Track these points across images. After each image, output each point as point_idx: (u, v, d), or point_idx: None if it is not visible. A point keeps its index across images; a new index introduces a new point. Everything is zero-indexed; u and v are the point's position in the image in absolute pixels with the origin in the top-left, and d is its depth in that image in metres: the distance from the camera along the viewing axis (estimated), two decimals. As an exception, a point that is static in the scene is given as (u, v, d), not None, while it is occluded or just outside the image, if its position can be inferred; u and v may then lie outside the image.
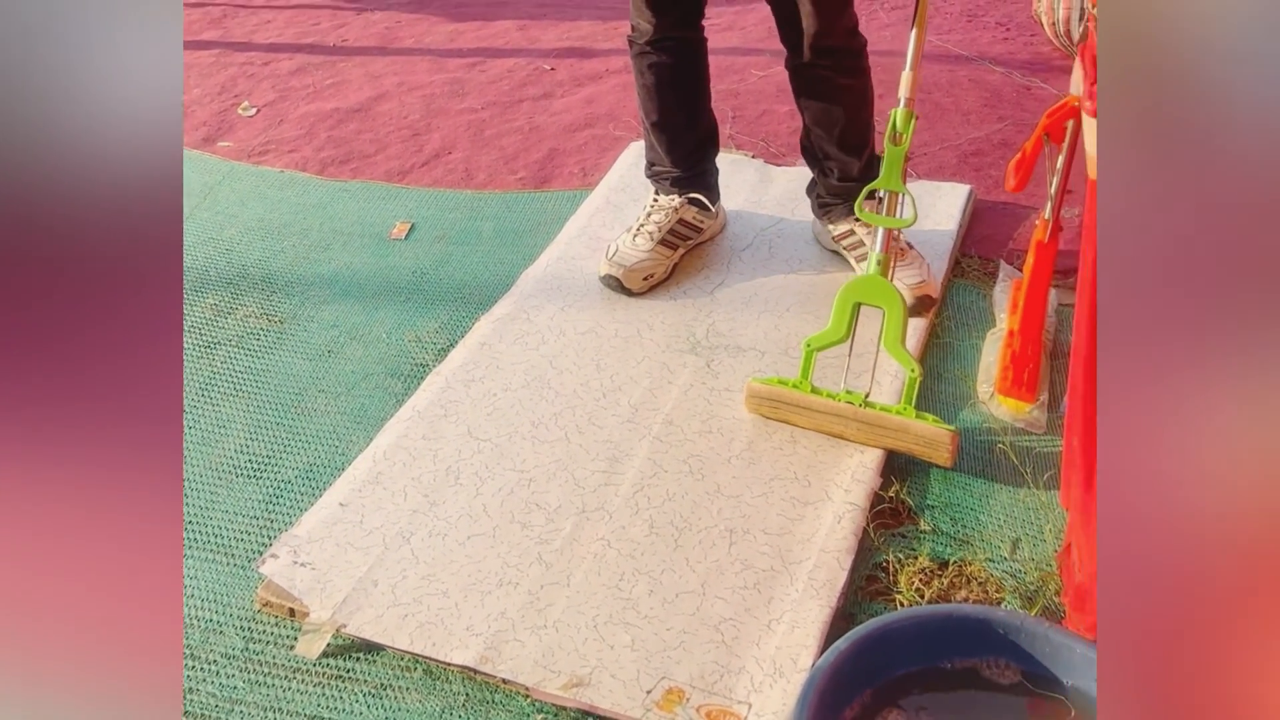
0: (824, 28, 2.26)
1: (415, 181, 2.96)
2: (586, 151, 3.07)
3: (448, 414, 2.11)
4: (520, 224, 2.74)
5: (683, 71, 2.46)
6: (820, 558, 1.80)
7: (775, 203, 2.75)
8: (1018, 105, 3.22)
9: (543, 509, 1.91)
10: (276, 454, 2.08)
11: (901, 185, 2.02)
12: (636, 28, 2.41)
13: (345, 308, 2.47)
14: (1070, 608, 1.67)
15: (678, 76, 2.45)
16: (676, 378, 2.19)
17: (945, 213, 2.65)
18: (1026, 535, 1.86)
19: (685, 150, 2.51)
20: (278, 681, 1.68)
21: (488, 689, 1.65)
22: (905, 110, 2.02)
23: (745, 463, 1.99)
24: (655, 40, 2.40)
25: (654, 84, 2.44)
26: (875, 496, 1.92)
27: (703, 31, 2.46)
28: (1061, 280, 2.36)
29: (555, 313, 2.38)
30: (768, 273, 2.50)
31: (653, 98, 2.45)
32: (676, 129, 2.49)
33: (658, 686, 1.62)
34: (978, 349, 2.28)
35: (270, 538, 1.90)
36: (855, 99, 2.39)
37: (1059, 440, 1.99)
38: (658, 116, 2.47)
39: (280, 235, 2.73)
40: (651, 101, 2.46)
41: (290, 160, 3.08)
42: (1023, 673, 1.57)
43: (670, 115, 2.47)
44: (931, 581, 1.78)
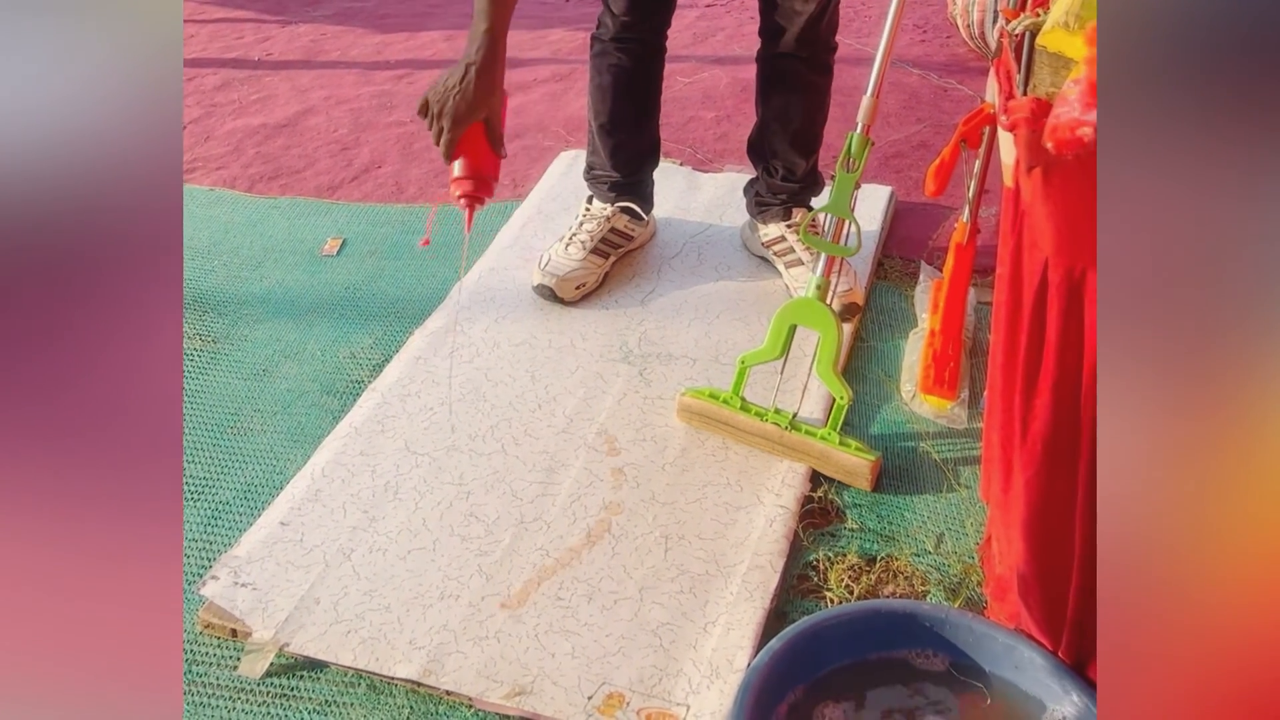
0: (817, 13, 2.32)
1: (346, 197, 2.98)
2: (516, 162, 3.10)
3: (385, 429, 2.14)
4: (452, 237, 2.76)
5: (639, 77, 2.49)
6: (753, 560, 1.85)
7: (703, 209, 2.80)
8: (935, 107, 3.29)
9: (481, 521, 1.94)
10: (214, 475, 2.10)
11: (849, 213, 2.04)
12: (603, 23, 2.44)
13: (279, 326, 2.48)
14: (991, 598, 1.73)
15: (634, 81, 2.48)
16: (610, 387, 2.23)
17: (868, 215, 2.71)
18: (949, 530, 1.92)
19: (627, 156, 2.55)
20: (222, 703, 1.70)
21: (432, 701, 1.68)
22: (862, 136, 2.04)
23: (679, 470, 2.04)
24: (619, 37, 2.43)
25: (610, 85, 2.47)
26: (804, 498, 1.97)
27: (665, 41, 2.50)
28: (979, 279, 2.42)
29: (489, 325, 2.41)
30: (697, 280, 2.55)
31: (605, 99, 2.48)
32: (622, 134, 2.52)
33: (598, 692, 1.66)
34: (900, 349, 2.33)
35: (210, 559, 1.92)
36: (819, 98, 2.46)
37: (979, 436, 2.05)
38: (607, 119, 2.50)
39: (210, 254, 2.74)
40: (604, 103, 2.49)
41: (218, 178, 3.09)
42: (950, 662, 1.63)
43: (619, 119, 2.51)
44: (860, 578, 1.83)
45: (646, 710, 1.63)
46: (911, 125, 3.19)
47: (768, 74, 2.46)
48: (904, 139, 3.11)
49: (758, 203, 2.56)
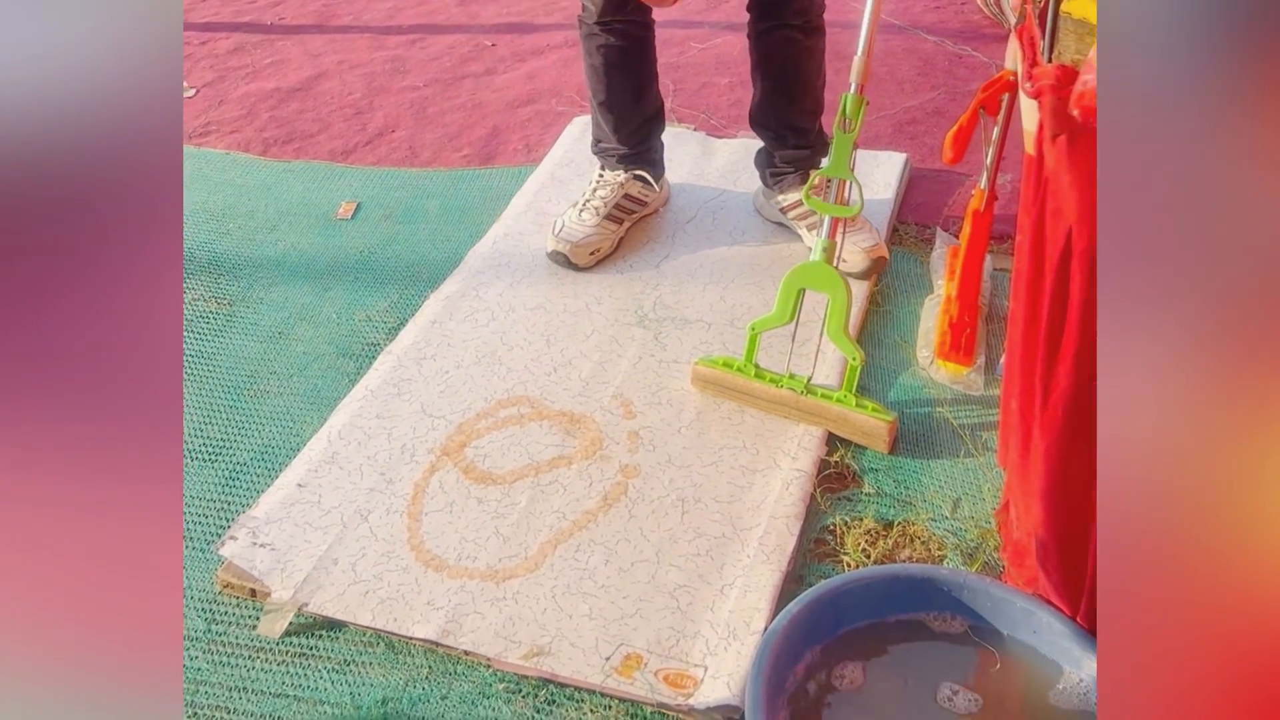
0: None
1: (359, 161, 2.98)
2: (530, 127, 3.09)
3: (401, 392, 2.14)
4: (466, 201, 2.77)
5: (631, 53, 2.48)
6: (770, 524, 1.85)
7: (718, 175, 2.80)
8: (950, 74, 3.27)
9: (498, 484, 1.95)
10: (231, 437, 2.11)
11: (849, 173, 2.04)
12: (585, 7, 2.44)
13: (294, 289, 2.49)
14: (1009, 563, 1.73)
15: (626, 58, 2.47)
16: (625, 351, 2.23)
17: (883, 181, 2.70)
18: (966, 495, 1.92)
19: (631, 128, 2.54)
20: (241, 661, 1.71)
21: (450, 661, 1.69)
22: (856, 96, 2.03)
23: (695, 433, 2.04)
24: (603, 21, 2.42)
25: (602, 65, 2.46)
26: (820, 462, 1.97)
27: (650, 19, 2.49)
28: (996, 245, 2.42)
29: (504, 289, 2.41)
30: (712, 245, 2.54)
31: (600, 78, 2.48)
32: (623, 108, 2.51)
33: (616, 653, 1.66)
34: (916, 315, 2.33)
35: (228, 520, 1.93)
36: (818, 59, 2.45)
37: (996, 402, 2.05)
38: (605, 96, 2.50)
39: (225, 217, 2.74)
40: (599, 81, 2.48)
41: (232, 141, 3.09)
42: (968, 626, 1.63)
43: (617, 95, 2.50)
44: (877, 542, 1.83)
45: (664, 671, 1.63)
46: (926, 92, 3.18)
47: (765, 47, 2.44)
48: (919, 105, 3.10)
49: (772, 173, 2.55)
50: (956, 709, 1.53)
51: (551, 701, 1.63)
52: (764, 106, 2.50)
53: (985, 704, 1.54)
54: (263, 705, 1.65)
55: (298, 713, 1.63)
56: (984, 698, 1.55)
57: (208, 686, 1.67)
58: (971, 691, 1.55)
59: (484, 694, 1.65)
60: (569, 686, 1.64)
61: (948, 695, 1.54)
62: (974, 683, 1.57)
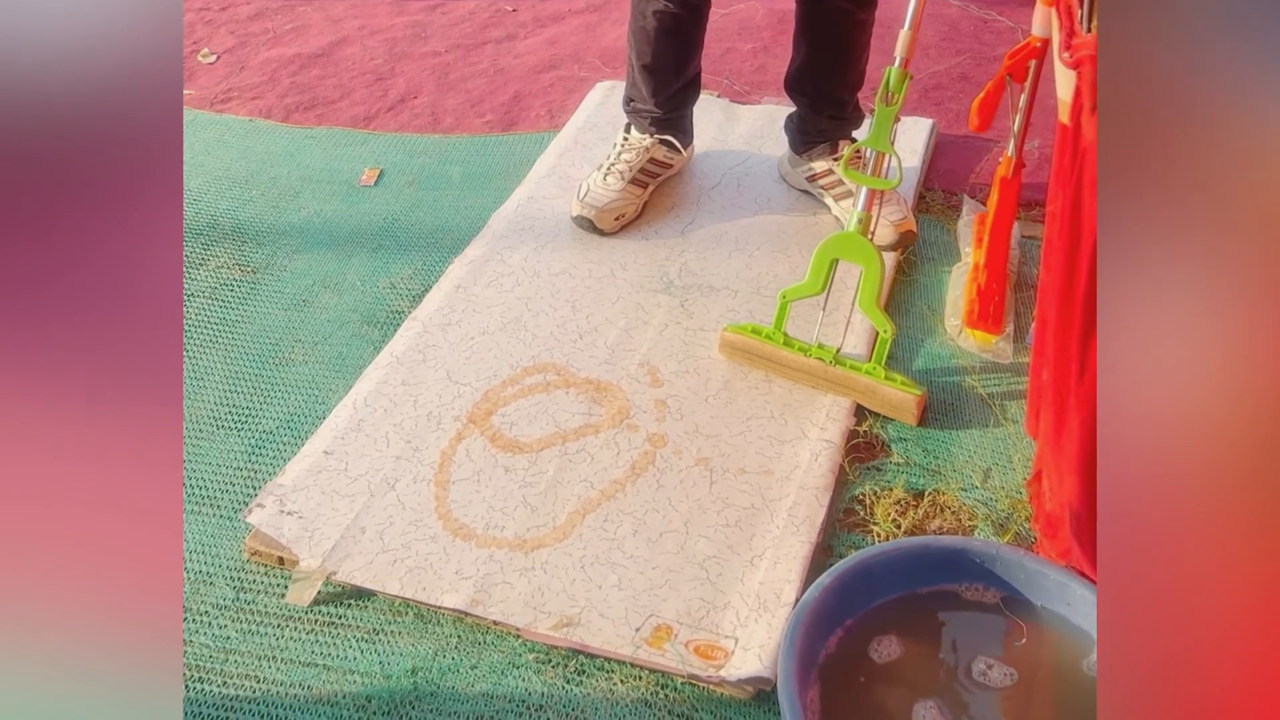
0: None
1: (382, 127, 2.96)
2: (553, 93, 3.07)
3: (426, 359, 2.13)
4: (489, 167, 2.75)
5: (685, 21, 2.43)
6: (799, 495, 1.84)
7: (742, 141, 2.77)
8: (976, 39, 3.24)
9: (525, 452, 1.94)
10: (257, 405, 2.10)
11: (889, 146, 2.02)
12: None
13: (318, 256, 2.47)
14: (1041, 534, 1.72)
15: (679, 25, 2.43)
16: (652, 318, 2.22)
17: (908, 148, 2.68)
18: (996, 465, 1.91)
19: (669, 94, 2.51)
20: (270, 630, 1.71)
21: (479, 630, 1.69)
22: (900, 70, 2.02)
23: (722, 402, 2.03)
24: None
25: (655, 29, 2.41)
26: (849, 432, 1.96)
27: None
28: (1024, 213, 2.40)
29: (529, 254, 2.40)
30: (737, 211, 2.53)
31: (649, 41, 2.43)
32: (665, 74, 2.48)
33: (646, 624, 1.66)
34: (943, 283, 2.32)
35: (255, 488, 1.93)
36: (866, 35, 2.42)
37: (1025, 371, 2.03)
38: (650, 59, 2.46)
39: (248, 184, 2.73)
40: (647, 44, 2.43)
41: (254, 108, 3.07)
42: (1001, 598, 1.62)
43: (662, 60, 2.46)
44: (907, 512, 1.82)
45: (695, 642, 1.63)
46: (952, 57, 3.15)
47: (816, 15, 2.40)
48: (944, 71, 3.08)
49: (802, 139, 2.53)
50: (991, 683, 1.52)
51: (581, 672, 1.63)
52: (804, 74, 2.46)
53: (1020, 678, 1.53)
54: (292, 674, 1.65)
55: (327, 681, 1.63)
56: (1018, 671, 1.54)
57: (237, 655, 1.67)
58: (1006, 665, 1.54)
59: (514, 664, 1.64)
60: (599, 657, 1.64)
61: (983, 669, 1.54)
62: (1008, 656, 1.56)
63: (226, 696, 1.62)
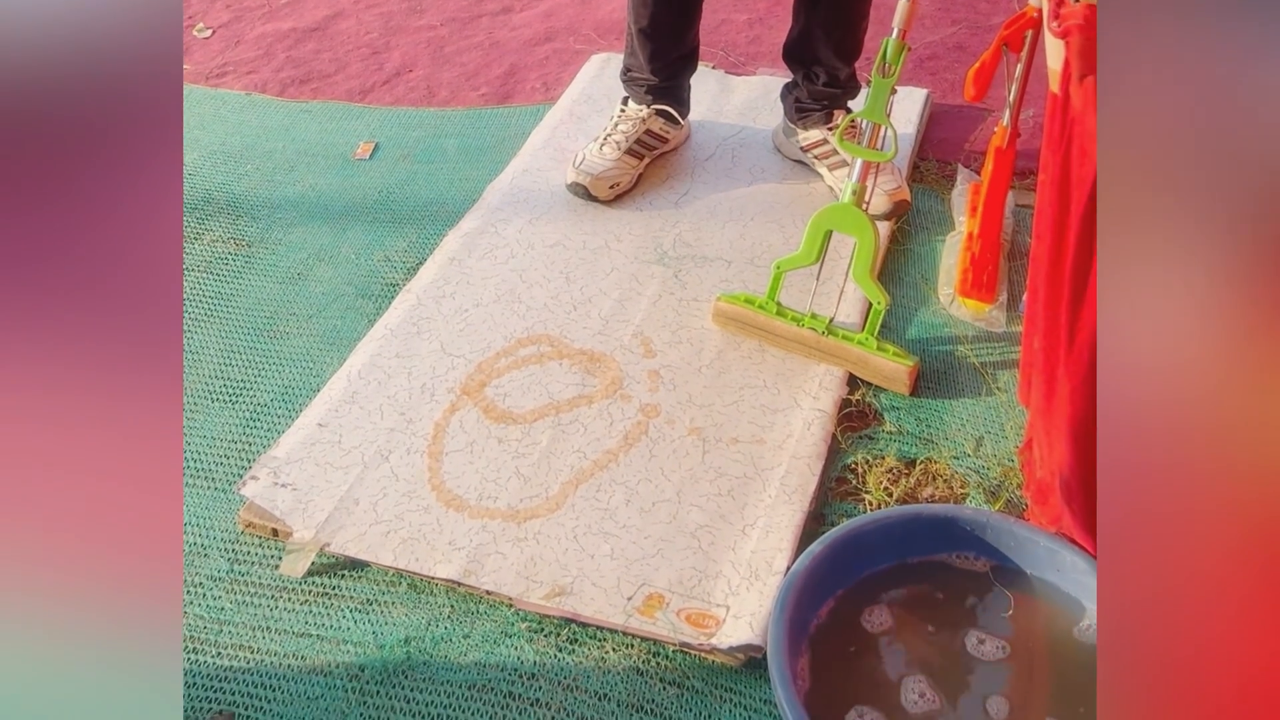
0: None
1: (377, 101, 2.96)
2: (548, 66, 3.07)
3: (420, 331, 2.14)
4: (484, 140, 2.75)
5: None
6: (791, 464, 1.85)
7: (736, 112, 2.77)
8: (971, 8, 3.23)
9: (519, 423, 1.94)
10: (251, 378, 2.11)
11: (885, 118, 2.02)
12: None
13: (313, 229, 2.47)
14: (1032, 501, 1.73)
15: None
16: (645, 289, 2.22)
17: (903, 117, 2.67)
18: (988, 433, 1.91)
19: (665, 61, 2.51)
20: (264, 601, 1.72)
21: (472, 600, 1.69)
22: (898, 41, 2.01)
23: (715, 372, 2.03)
24: None
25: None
26: (841, 401, 1.96)
27: None
28: (1018, 182, 2.40)
29: (523, 225, 2.40)
30: (731, 182, 2.53)
31: (647, 4, 2.42)
32: (662, 40, 2.47)
33: (638, 593, 1.66)
34: (937, 252, 2.32)
35: (250, 460, 1.93)
36: (864, 4, 2.41)
37: (1017, 339, 2.03)
38: (648, 24, 2.45)
39: (243, 158, 2.73)
40: (645, 8, 2.43)
41: (249, 82, 3.07)
42: (991, 566, 1.63)
43: (659, 25, 2.45)
44: (899, 480, 1.83)
45: (686, 611, 1.64)
46: (947, 27, 3.14)
47: None
48: (940, 41, 3.07)
49: (798, 108, 2.52)
50: (984, 656, 1.53)
51: (574, 641, 1.64)
52: (802, 42, 2.46)
53: (1013, 650, 1.54)
54: (286, 644, 1.65)
55: (321, 651, 1.64)
56: (1010, 640, 1.55)
57: (231, 626, 1.68)
58: (998, 638, 1.55)
59: (506, 633, 1.65)
60: (591, 626, 1.65)
61: (975, 643, 1.54)
62: (1000, 628, 1.56)
63: (221, 667, 1.63)
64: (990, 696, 1.49)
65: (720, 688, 1.57)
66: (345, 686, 1.60)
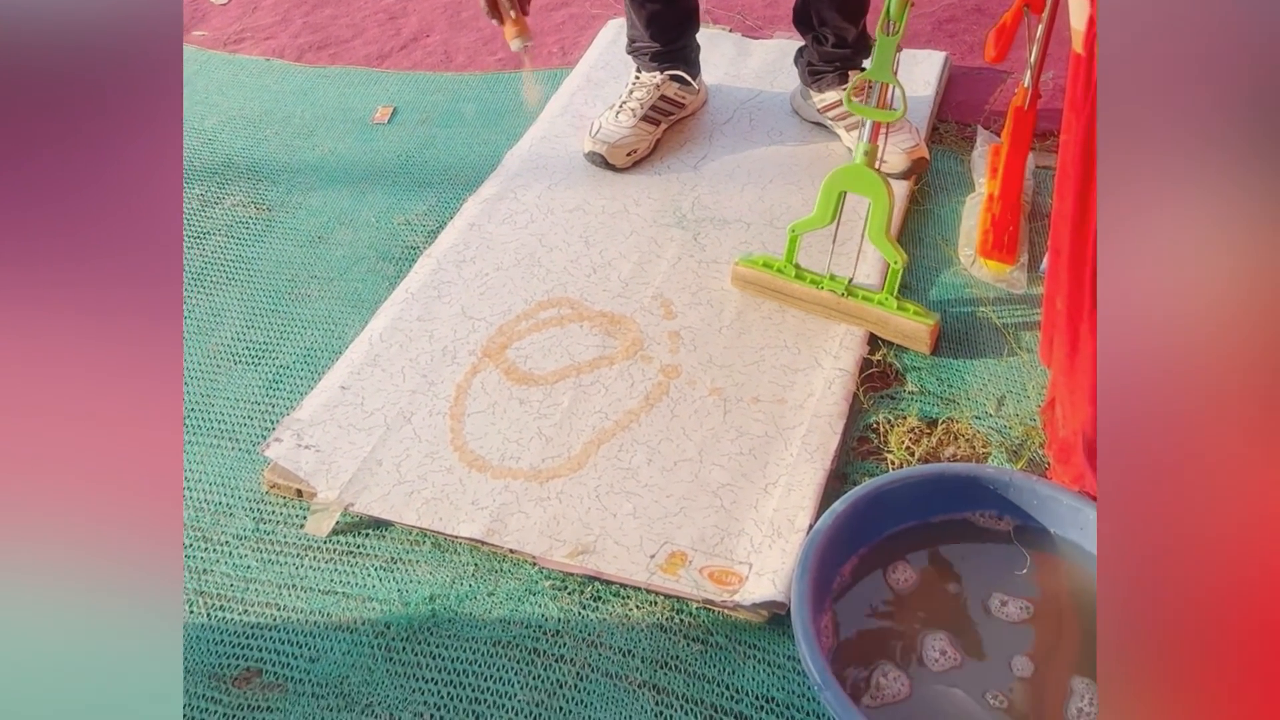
0: None
1: (395, 65, 2.96)
2: (565, 30, 3.06)
3: (441, 295, 2.14)
4: (502, 105, 2.75)
5: None
6: (813, 422, 1.85)
7: (754, 76, 2.76)
8: (993, -31, 3.22)
9: (540, 385, 1.95)
10: (274, 340, 2.12)
11: (892, 77, 2.01)
12: None
13: (333, 193, 2.48)
14: (1054, 460, 1.73)
15: None
16: (664, 251, 2.22)
17: (922, 80, 2.67)
18: (1010, 392, 1.91)
19: (663, 25, 2.51)
20: (289, 559, 1.73)
21: (496, 559, 1.71)
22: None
23: (735, 333, 2.03)
24: None
25: None
26: (863, 361, 1.97)
27: None
28: (1038, 143, 2.39)
29: (542, 191, 2.40)
30: (749, 145, 2.52)
31: None
32: (656, 4, 2.48)
33: (661, 551, 1.67)
34: (957, 213, 2.31)
35: (273, 422, 1.94)
36: None
37: (1038, 300, 2.03)
38: None
39: (262, 123, 2.73)
40: None
41: (267, 48, 3.07)
42: (1014, 524, 1.63)
43: None
44: (921, 440, 1.83)
45: (709, 568, 1.64)
46: (966, -11, 3.13)
47: None
48: (958, 3, 3.05)
49: (811, 71, 2.52)
50: (1008, 617, 1.54)
51: (597, 598, 1.65)
52: (807, 6, 2.45)
53: (1036, 608, 1.54)
54: (312, 601, 1.67)
55: (347, 609, 1.65)
56: (1033, 599, 1.55)
57: (257, 584, 1.70)
58: (1021, 598, 1.55)
59: (530, 591, 1.66)
60: (614, 584, 1.66)
61: (998, 604, 1.55)
62: (1023, 585, 1.57)
63: (248, 624, 1.64)
64: (1014, 656, 1.49)
65: (744, 644, 1.58)
66: (371, 643, 1.61)
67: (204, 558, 1.74)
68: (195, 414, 1.97)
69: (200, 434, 1.93)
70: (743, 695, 1.53)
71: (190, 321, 2.16)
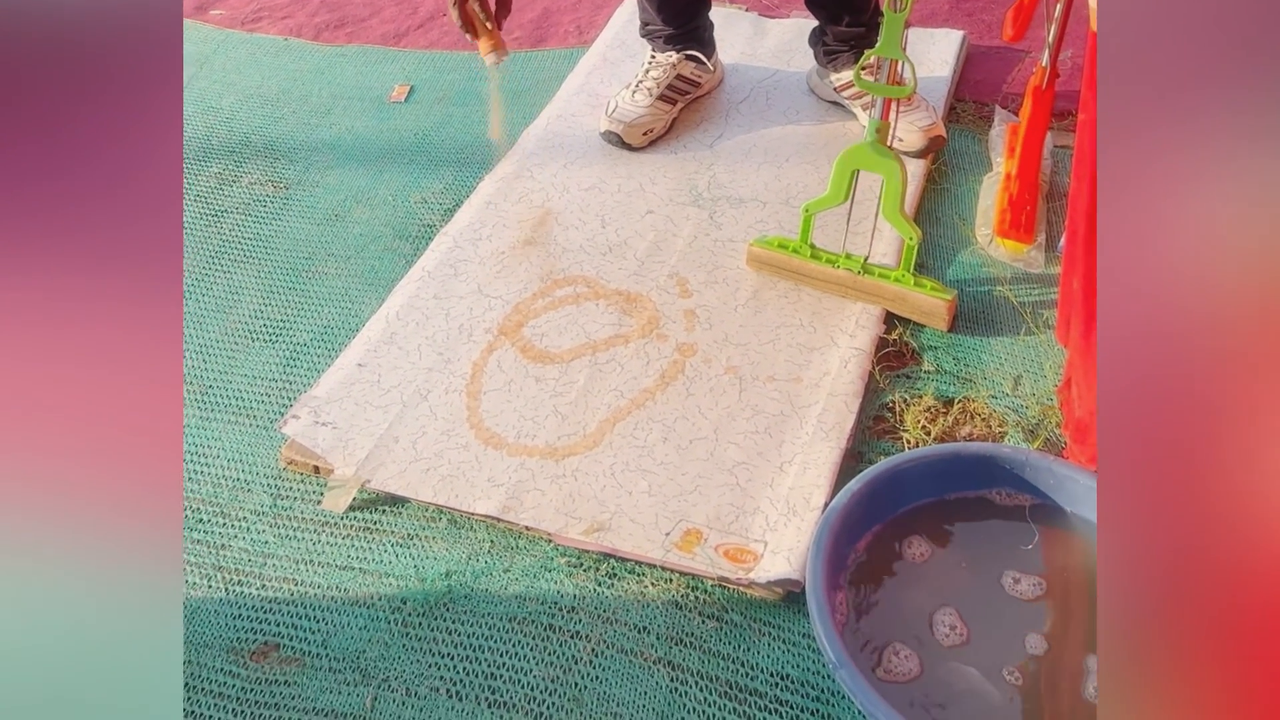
0: None
1: (411, 44, 2.96)
2: (581, 9, 3.06)
3: (457, 273, 2.14)
4: (518, 84, 2.75)
5: None
6: (829, 401, 1.85)
7: (770, 55, 2.76)
8: (1011, -52, 3.20)
9: (556, 363, 1.95)
10: (291, 318, 2.12)
11: (901, 53, 2.00)
12: None
13: (350, 172, 2.49)
14: (1071, 440, 1.73)
15: None
16: (680, 230, 2.22)
17: (939, 59, 2.66)
18: (1027, 372, 1.91)
19: (675, 9, 2.50)
20: (307, 535, 1.74)
21: (511, 536, 1.71)
22: None
23: (751, 311, 2.03)
24: None
25: None
26: (879, 340, 1.97)
27: None
28: (1056, 123, 2.38)
29: (558, 169, 2.40)
30: (766, 124, 2.52)
31: None
32: None
33: (676, 528, 1.68)
34: (975, 192, 2.31)
35: (290, 399, 1.95)
36: None
37: (1056, 280, 2.03)
38: None
39: (280, 102, 2.74)
40: None
41: (284, 27, 3.07)
42: (1031, 503, 1.63)
43: None
44: (937, 419, 1.83)
45: (725, 546, 1.65)
46: (985, -31, 3.11)
47: None
48: (977, -17, 3.04)
49: (826, 51, 2.51)
50: (1022, 594, 1.54)
51: (613, 575, 1.65)
52: None
53: (1049, 586, 1.54)
54: (329, 577, 1.68)
55: (363, 584, 1.66)
56: (1047, 577, 1.55)
57: (275, 559, 1.70)
58: (1035, 576, 1.55)
59: (546, 567, 1.67)
60: (630, 561, 1.66)
61: (1011, 582, 1.55)
62: (1036, 564, 1.57)
63: (265, 599, 1.65)
64: (1028, 634, 1.49)
65: (759, 621, 1.59)
66: (388, 618, 1.62)
67: (222, 533, 1.75)
68: (213, 391, 1.98)
69: (218, 410, 1.94)
70: (757, 672, 1.54)
71: (208, 299, 2.16)
